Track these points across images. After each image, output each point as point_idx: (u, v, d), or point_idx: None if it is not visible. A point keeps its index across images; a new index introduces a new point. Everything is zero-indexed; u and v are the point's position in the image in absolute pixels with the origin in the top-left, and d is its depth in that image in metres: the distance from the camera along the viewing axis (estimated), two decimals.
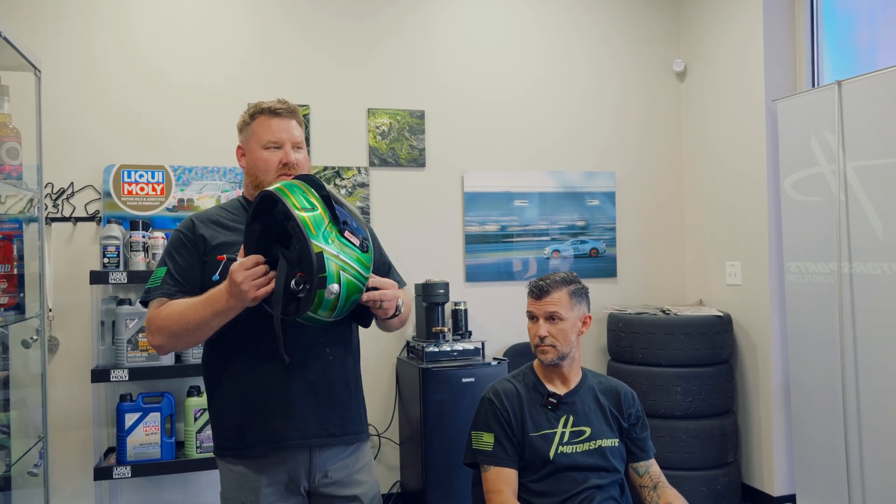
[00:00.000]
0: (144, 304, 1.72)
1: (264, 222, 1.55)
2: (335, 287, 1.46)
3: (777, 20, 3.66)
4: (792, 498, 3.54)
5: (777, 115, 3.53)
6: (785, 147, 3.46)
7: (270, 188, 1.52)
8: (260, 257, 1.54)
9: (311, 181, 1.54)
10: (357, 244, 1.51)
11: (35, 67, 2.46)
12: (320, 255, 1.45)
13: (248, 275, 1.51)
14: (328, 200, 1.52)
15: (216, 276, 1.62)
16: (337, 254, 1.46)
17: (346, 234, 1.50)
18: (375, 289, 1.61)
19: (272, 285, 1.51)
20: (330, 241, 1.47)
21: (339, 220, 1.50)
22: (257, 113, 1.75)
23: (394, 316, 1.69)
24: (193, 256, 1.70)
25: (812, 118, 3.29)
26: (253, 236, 1.57)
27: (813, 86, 3.62)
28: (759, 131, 3.66)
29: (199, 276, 1.69)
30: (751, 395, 3.76)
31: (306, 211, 1.47)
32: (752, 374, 3.75)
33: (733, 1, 3.82)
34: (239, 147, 1.80)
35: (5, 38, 2.13)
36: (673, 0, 4.26)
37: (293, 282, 1.49)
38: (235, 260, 1.55)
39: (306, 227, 1.45)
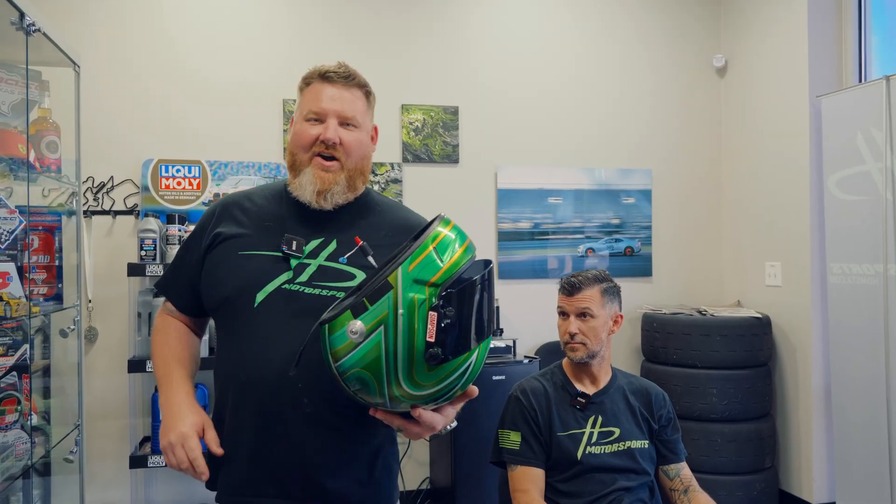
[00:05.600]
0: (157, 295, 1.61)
1: None
2: (359, 327, 1.05)
3: (822, 13, 3.54)
4: None
5: (822, 111, 3.42)
6: (829, 144, 3.35)
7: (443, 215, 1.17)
8: (206, 435, 1.28)
9: (485, 265, 1.12)
10: (432, 354, 1.04)
11: (74, 63, 2.51)
12: (386, 286, 1.05)
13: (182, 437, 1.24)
14: (459, 285, 1.06)
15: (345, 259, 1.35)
16: (397, 315, 1.04)
17: (434, 320, 1.04)
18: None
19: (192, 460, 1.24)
20: (408, 298, 1.04)
21: (447, 325, 1.04)
22: (311, 78, 1.45)
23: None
24: (197, 253, 1.43)
25: (858, 114, 3.18)
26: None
27: (860, 81, 3.50)
28: (803, 128, 3.55)
29: (196, 276, 1.42)
30: (790, 398, 3.66)
31: (437, 255, 1.07)
32: (792, 377, 3.65)
33: None
34: (291, 119, 1.48)
35: (45, 34, 2.18)
36: None
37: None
38: (371, 258, 1.28)
39: (411, 258, 1.06)
